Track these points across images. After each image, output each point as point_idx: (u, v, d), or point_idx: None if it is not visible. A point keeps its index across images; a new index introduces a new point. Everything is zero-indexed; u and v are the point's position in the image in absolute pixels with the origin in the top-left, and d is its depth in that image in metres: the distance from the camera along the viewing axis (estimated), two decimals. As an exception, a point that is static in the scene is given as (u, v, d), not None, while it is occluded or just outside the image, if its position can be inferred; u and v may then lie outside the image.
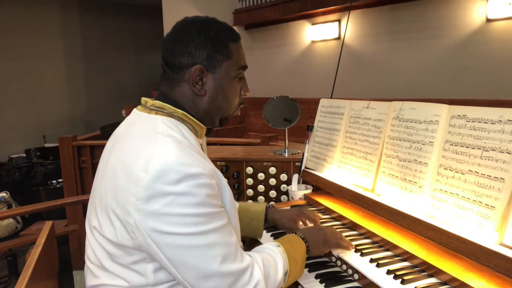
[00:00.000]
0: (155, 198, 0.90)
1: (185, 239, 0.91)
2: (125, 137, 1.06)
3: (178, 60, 1.06)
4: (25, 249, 2.16)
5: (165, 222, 0.90)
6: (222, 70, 1.08)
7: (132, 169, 0.94)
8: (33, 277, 1.24)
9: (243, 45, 1.14)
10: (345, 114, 1.69)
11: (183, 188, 0.90)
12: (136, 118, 1.10)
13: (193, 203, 0.91)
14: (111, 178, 1.00)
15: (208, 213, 0.93)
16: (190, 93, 1.09)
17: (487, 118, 1.09)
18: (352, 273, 1.18)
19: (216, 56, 1.06)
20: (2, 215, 2.85)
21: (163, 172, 0.90)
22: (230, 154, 2.13)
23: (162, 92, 1.11)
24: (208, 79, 1.08)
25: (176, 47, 1.06)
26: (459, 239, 1.06)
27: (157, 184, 0.90)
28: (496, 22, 4.35)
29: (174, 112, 1.07)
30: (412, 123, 1.33)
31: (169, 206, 0.90)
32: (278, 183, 2.00)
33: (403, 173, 1.32)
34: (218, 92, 1.10)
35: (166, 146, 0.95)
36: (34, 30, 7.32)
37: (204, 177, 0.94)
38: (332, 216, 1.55)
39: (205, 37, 1.05)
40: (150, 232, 0.92)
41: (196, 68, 1.05)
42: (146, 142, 0.98)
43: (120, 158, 1.00)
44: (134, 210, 0.92)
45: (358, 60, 5.68)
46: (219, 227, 0.95)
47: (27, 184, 5.37)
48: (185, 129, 1.07)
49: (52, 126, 7.35)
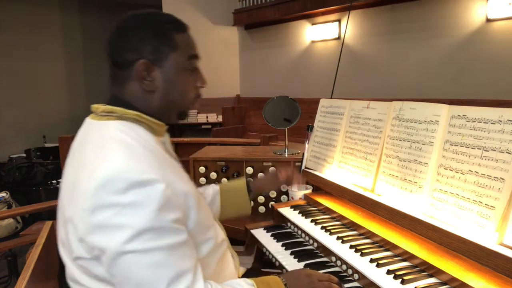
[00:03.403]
0: (99, 209, 0.83)
1: (130, 256, 0.83)
2: (77, 151, 1.01)
3: (123, 57, 1.00)
4: (25, 249, 2.16)
5: (108, 235, 0.83)
6: (170, 62, 1.02)
7: (80, 181, 0.89)
8: (33, 277, 1.24)
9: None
10: (345, 114, 1.69)
11: (130, 197, 0.83)
12: (88, 128, 1.04)
13: (140, 215, 0.83)
14: (65, 193, 0.96)
15: (157, 227, 0.85)
16: (140, 91, 1.02)
17: (487, 118, 1.09)
18: (352, 273, 1.18)
19: (161, 49, 1.01)
20: (2, 215, 2.85)
21: (108, 180, 0.84)
22: (230, 154, 2.13)
23: (113, 94, 1.05)
24: (156, 74, 1.01)
25: (119, 44, 1.01)
26: (459, 239, 1.06)
27: (102, 193, 0.83)
28: (496, 22, 4.35)
29: (125, 114, 1.00)
30: (412, 123, 1.33)
31: (114, 218, 0.83)
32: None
33: (403, 173, 1.32)
34: (169, 86, 1.03)
35: (113, 153, 0.89)
36: (34, 30, 7.32)
37: (157, 184, 0.86)
38: (332, 216, 1.55)
39: (148, 30, 1.00)
40: (94, 245, 0.85)
41: (141, 63, 0.99)
42: (95, 153, 0.92)
43: (71, 174, 0.96)
44: (80, 222, 0.86)
45: (358, 60, 5.68)
46: (169, 246, 0.86)
47: (27, 184, 5.37)
48: (141, 130, 1.00)
49: (52, 126, 7.34)
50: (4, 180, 5.50)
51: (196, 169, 2.08)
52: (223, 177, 2.05)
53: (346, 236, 1.35)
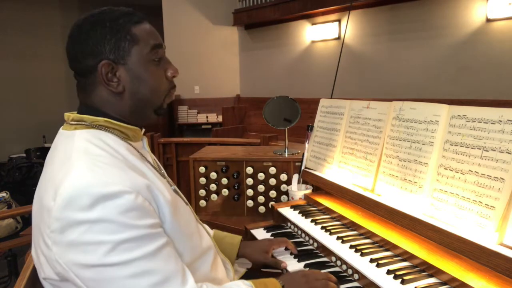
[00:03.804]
0: (69, 228, 0.80)
1: (109, 271, 0.80)
2: (47, 165, 0.97)
3: (84, 64, 0.96)
4: (25, 249, 2.15)
5: (84, 253, 0.80)
6: (133, 58, 0.96)
7: (44, 199, 0.86)
8: (33, 277, 1.24)
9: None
10: (345, 114, 1.69)
11: (98, 213, 0.80)
12: (59, 139, 0.99)
13: (113, 229, 0.80)
14: (35, 211, 0.92)
15: (133, 237, 0.82)
16: (108, 94, 0.97)
17: (487, 118, 1.09)
18: (352, 273, 1.18)
19: (120, 45, 0.95)
20: (2, 215, 2.85)
21: (72, 198, 0.80)
22: (230, 154, 2.13)
23: (81, 102, 1.01)
24: (121, 72, 0.96)
25: (77, 51, 0.96)
26: (459, 239, 1.06)
27: (68, 212, 0.80)
28: (496, 22, 4.35)
29: (94, 122, 0.96)
30: (412, 123, 1.33)
31: (86, 235, 0.79)
32: (278, 183, 2.00)
33: (403, 173, 1.32)
34: (138, 83, 0.98)
35: (76, 167, 0.84)
36: (34, 30, 7.32)
37: (124, 195, 0.83)
38: (332, 216, 1.55)
39: (101, 30, 0.94)
40: (70, 266, 0.81)
41: (102, 64, 0.94)
42: (60, 166, 0.88)
43: (40, 189, 0.93)
44: (52, 243, 0.82)
45: (358, 60, 5.68)
46: (150, 253, 0.84)
47: (27, 184, 5.37)
48: (110, 138, 0.96)
49: (52, 126, 7.32)
50: (4, 180, 5.51)
51: (196, 169, 2.08)
52: (223, 177, 2.05)
53: (346, 236, 1.35)
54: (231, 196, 2.07)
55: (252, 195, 2.04)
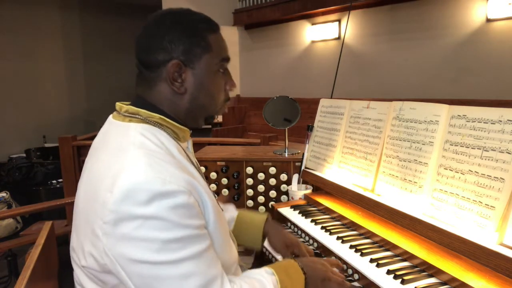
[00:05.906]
0: (123, 221, 0.81)
1: (156, 269, 0.81)
2: (98, 152, 0.97)
3: (153, 57, 0.96)
4: (25, 249, 2.16)
5: (134, 248, 0.81)
6: (202, 64, 0.99)
7: (99, 189, 0.86)
8: (33, 277, 1.24)
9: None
10: (345, 114, 1.69)
11: (153, 209, 0.81)
12: (110, 127, 1.00)
13: (165, 226, 0.81)
14: (82, 198, 0.93)
15: (183, 237, 0.83)
16: (169, 93, 0.99)
17: (487, 118, 1.09)
18: (352, 273, 1.18)
19: (194, 50, 0.97)
20: (2, 215, 2.85)
21: (130, 192, 0.81)
22: (230, 154, 2.13)
23: (138, 95, 1.01)
24: (187, 75, 0.98)
25: (149, 43, 0.97)
26: (459, 239, 1.06)
27: (124, 206, 0.81)
28: (496, 22, 4.35)
29: (149, 117, 0.96)
30: (412, 123, 1.33)
31: (139, 230, 0.81)
32: (278, 183, 2.00)
33: (403, 173, 1.32)
34: (200, 88, 1.00)
35: (135, 162, 0.85)
36: (34, 30, 7.32)
37: (180, 195, 0.84)
38: (332, 216, 1.55)
39: (180, 30, 0.96)
40: (119, 259, 0.82)
41: (172, 64, 0.95)
42: (115, 157, 0.89)
43: (90, 177, 0.93)
44: (102, 234, 0.83)
45: (358, 60, 5.68)
46: (196, 254, 0.85)
47: (27, 184, 5.37)
48: (164, 136, 0.96)
49: (52, 126, 7.34)
50: (4, 180, 5.51)
51: (196, 169, 2.08)
52: (223, 177, 2.05)
53: (346, 236, 1.35)
54: (231, 196, 2.07)
55: (252, 195, 2.04)
